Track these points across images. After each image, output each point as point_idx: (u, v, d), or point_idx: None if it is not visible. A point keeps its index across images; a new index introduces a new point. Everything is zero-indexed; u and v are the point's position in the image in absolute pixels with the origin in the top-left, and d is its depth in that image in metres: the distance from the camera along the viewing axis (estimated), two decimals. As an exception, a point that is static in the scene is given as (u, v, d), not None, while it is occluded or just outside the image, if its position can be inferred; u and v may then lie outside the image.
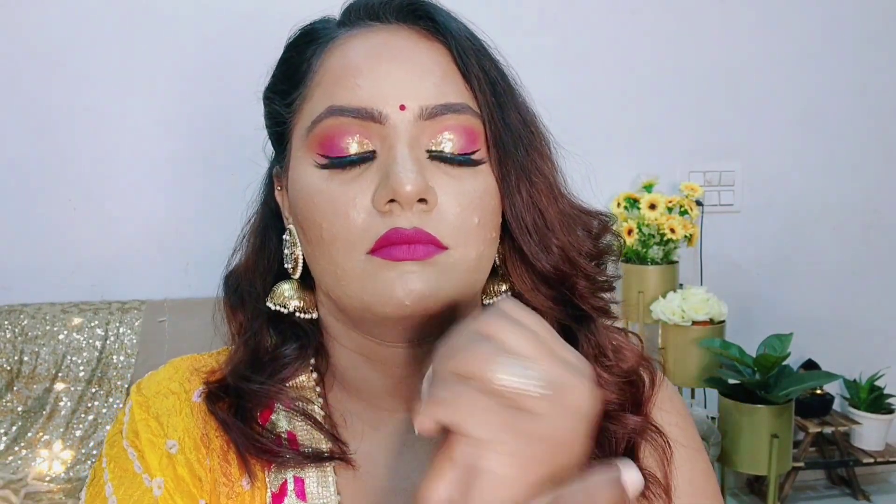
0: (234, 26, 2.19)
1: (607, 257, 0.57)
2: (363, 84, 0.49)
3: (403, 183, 0.47)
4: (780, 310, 2.57)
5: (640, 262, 2.28)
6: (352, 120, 0.49)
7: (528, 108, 0.56)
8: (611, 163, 2.41)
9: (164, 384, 0.57)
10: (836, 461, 2.48)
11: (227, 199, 1.47)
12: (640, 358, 0.57)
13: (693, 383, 2.20)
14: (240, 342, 0.57)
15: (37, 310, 2.06)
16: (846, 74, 2.58)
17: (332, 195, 0.49)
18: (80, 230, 2.21)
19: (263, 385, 0.54)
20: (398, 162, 0.48)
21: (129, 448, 0.54)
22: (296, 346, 0.56)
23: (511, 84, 0.55)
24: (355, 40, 0.52)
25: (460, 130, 0.50)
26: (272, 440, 0.54)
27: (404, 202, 0.47)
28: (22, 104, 2.16)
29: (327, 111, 0.50)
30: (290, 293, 0.56)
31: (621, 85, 2.45)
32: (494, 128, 0.51)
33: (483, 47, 0.54)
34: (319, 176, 0.50)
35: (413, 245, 0.48)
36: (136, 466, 0.53)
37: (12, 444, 1.95)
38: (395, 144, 0.49)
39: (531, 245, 0.52)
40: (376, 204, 0.48)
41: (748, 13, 2.51)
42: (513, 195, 0.52)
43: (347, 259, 0.49)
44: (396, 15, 0.53)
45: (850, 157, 2.62)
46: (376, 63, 0.50)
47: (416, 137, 0.49)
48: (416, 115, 0.49)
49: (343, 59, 0.51)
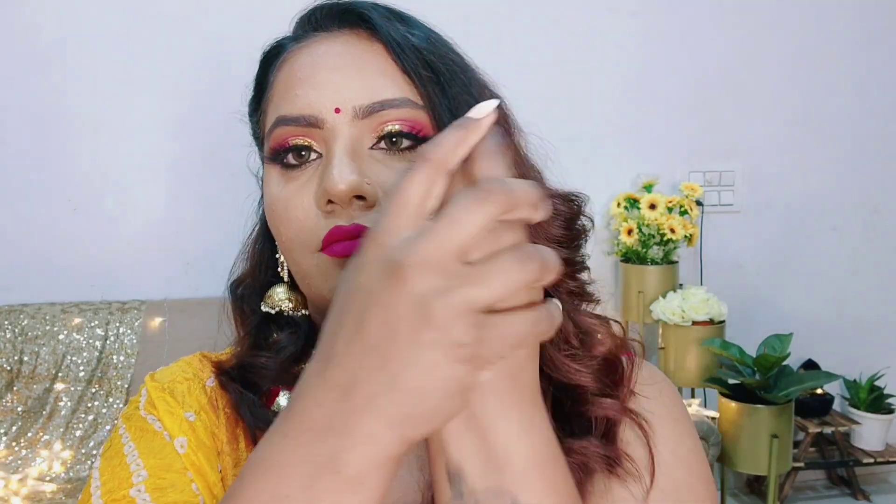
0: (234, 26, 2.19)
1: (581, 240, 0.56)
2: (302, 94, 0.52)
3: (336, 182, 0.49)
4: (780, 310, 2.57)
5: (640, 262, 2.28)
6: (295, 127, 0.52)
7: (485, 91, 0.56)
8: (611, 163, 2.41)
9: (178, 374, 0.60)
10: (836, 461, 2.49)
11: (226, 200, 1.47)
12: (617, 340, 0.57)
13: (693, 383, 2.20)
14: (244, 334, 0.60)
15: (37, 310, 2.06)
16: (846, 74, 2.58)
17: (286, 201, 0.52)
18: (80, 230, 2.21)
19: (270, 359, 0.57)
20: (332, 163, 0.50)
21: (148, 415, 0.56)
22: (290, 333, 0.59)
23: (458, 71, 0.55)
24: (300, 52, 0.55)
25: (401, 122, 0.52)
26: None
27: (339, 200, 0.49)
28: (22, 104, 2.16)
29: (275, 122, 0.53)
30: (282, 295, 0.59)
31: (621, 85, 2.45)
32: (439, 116, 0.52)
33: (427, 42, 0.55)
34: (276, 182, 0.53)
35: (354, 241, 0.49)
36: (157, 426, 0.55)
37: (12, 444, 1.95)
38: (333, 147, 0.51)
39: None
40: (318, 205, 0.51)
41: (748, 13, 2.51)
42: None
43: (304, 258, 0.52)
44: (338, 23, 0.56)
45: (850, 157, 2.62)
46: (315, 71, 0.53)
47: (357, 137, 0.51)
48: (351, 115, 0.51)
49: (288, 73, 0.55)
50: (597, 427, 0.54)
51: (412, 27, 0.56)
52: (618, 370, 0.56)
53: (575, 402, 0.54)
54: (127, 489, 0.51)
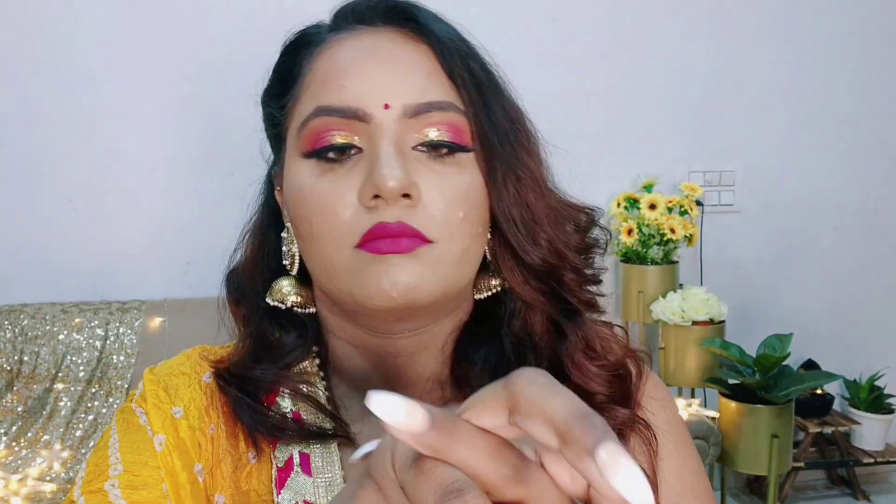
0: (234, 26, 2.19)
1: (595, 250, 0.59)
2: (348, 85, 0.51)
3: (386, 179, 0.48)
4: (780, 310, 2.57)
5: (640, 262, 2.28)
6: (338, 119, 0.51)
7: (515, 104, 0.57)
8: (611, 163, 2.41)
9: (176, 367, 0.60)
10: (836, 461, 2.49)
11: (226, 200, 1.47)
12: (627, 350, 0.59)
13: (693, 383, 2.20)
14: (244, 334, 0.59)
15: (37, 310, 2.06)
16: (846, 74, 2.58)
17: (320, 192, 0.51)
18: (80, 230, 2.21)
19: (266, 371, 0.56)
20: (381, 158, 0.49)
21: (138, 408, 0.56)
22: (296, 335, 0.58)
23: (496, 82, 0.56)
24: (342, 43, 0.54)
25: (445, 126, 0.52)
26: (278, 419, 0.56)
27: (388, 197, 0.49)
28: (22, 104, 2.16)
29: (315, 111, 0.52)
30: (289, 289, 0.58)
31: (621, 85, 2.45)
32: (479, 124, 0.53)
33: (468, 47, 0.56)
34: (309, 173, 0.52)
35: (397, 238, 0.49)
36: (142, 420, 0.55)
37: (12, 444, 1.95)
38: (380, 142, 0.50)
39: (520, 239, 0.54)
40: (362, 200, 0.50)
41: (748, 14, 2.51)
42: (500, 190, 0.53)
43: (336, 253, 0.51)
44: (382, 18, 0.55)
45: (850, 157, 2.62)
46: (361, 64, 0.52)
47: (401, 135, 0.51)
48: (400, 113, 0.51)
49: (330, 62, 0.53)
50: None
51: (452, 30, 0.56)
52: (626, 378, 0.58)
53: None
54: (103, 482, 0.51)
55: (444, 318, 0.56)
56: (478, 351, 0.57)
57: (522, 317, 0.56)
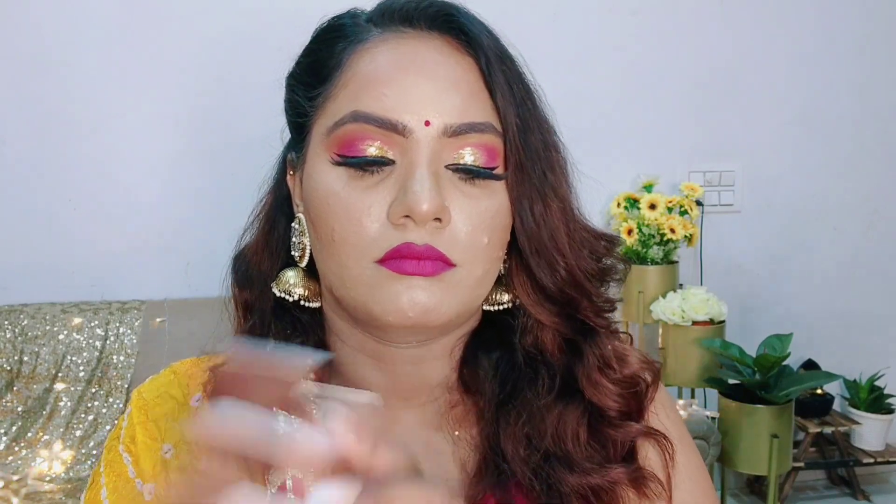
0: (234, 25, 2.19)
1: (610, 278, 0.59)
2: (389, 94, 0.50)
3: (421, 202, 0.48)
4: (780, 310, 2.57)
5: (640, 262, 2.28)
6: (375, 128, 0.50)
7: (550, 125, 0.56)
8: (611, 163, 2.41)
9: (164, 388, 0.58)
10: (836, 461, 2.48)
11: (227, 199, 1.47)
12: (643, 362, 0.59)
13: (693, 383, 2.20)
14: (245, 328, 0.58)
15: (37, 310, 2.06)
16: (846, 74, 2.58)
17: (347, 200, 0.50)
18: (80, 230, 2.21)
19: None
20: (417, 179, 0.49)
21: (125, 453, 0.56)
22: (300, 342, 0.56)
23: (536, 102, 0.55)
24: (385, 46, 0.52)
25: (482, 148, 0.51)
26: None
27: (419, 220, 0.48)
28: (22, 104, 2.16)
29: (351, 115, 0.50)
30: (296, 281, 0.57)
31: (621, 85, 2.45)
32: (515, 148, 0.52)
33: (512, 65, 0.55)
34: (336, 177, 0.51)
35: (423, 261, 0.49)
36: (130, 471, 0.55)
37: (12, 444, 1.95)
38: (416, 159, 0.49)
39: (539, 263, 0.54)
40: (391, 217, 0.49)
41: (748, 13, 2.51)
42: (525, 214, 0.53)
43: (355, 265, 0.50)
44: (430, 23, 0.53)
45: (849, 157, 2.62)
46: (404, 74, 0.51)
47: (438, 153, 0.50)
48: (440, 131, 0.50)
49: (371, 65, 0.52)
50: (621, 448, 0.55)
51: (499, 44, 0.55)
52: (641, 390, 0.58)
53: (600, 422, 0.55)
54: None
55: (455, 330, 0.56)
56: (488, 356, 0.57)
57: (534, 334, 0.56)
